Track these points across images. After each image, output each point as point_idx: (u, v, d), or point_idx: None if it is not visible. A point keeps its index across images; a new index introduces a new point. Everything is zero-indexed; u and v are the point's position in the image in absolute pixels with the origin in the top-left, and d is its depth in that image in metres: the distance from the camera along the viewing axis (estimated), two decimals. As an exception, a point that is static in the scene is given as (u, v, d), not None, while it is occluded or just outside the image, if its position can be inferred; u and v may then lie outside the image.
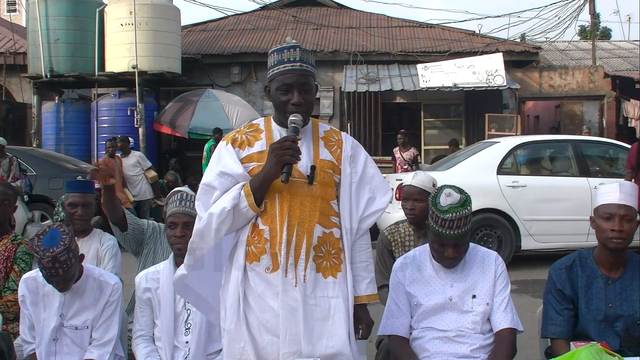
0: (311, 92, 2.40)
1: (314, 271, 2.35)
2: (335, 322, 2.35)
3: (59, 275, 2.74)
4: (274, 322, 2.32)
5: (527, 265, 7.00)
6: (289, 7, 17.26)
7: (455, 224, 2.53)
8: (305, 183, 2.36)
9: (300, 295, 2.31)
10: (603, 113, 14.94)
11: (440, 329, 2.62)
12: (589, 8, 17.19)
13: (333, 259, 2.39)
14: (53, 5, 12.44)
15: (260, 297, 2.34)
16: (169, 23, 12.73)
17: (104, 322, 2.94)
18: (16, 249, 3.60)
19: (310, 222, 2.34)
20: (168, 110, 13.03)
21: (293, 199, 2.35)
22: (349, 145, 2.48)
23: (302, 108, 2.36)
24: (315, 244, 2.34)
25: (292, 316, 2.31)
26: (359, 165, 2.47)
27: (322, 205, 2.37)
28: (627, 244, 2.62)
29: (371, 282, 2.46)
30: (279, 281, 2.31)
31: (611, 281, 2.65)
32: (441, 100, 14.48)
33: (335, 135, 2.51)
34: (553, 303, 2.70)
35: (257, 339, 2.35)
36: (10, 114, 14.00)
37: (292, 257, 2.32)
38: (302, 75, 2.37)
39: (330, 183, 2.41)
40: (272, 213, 2.34)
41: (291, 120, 2.33)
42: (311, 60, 2.42)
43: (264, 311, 2.33)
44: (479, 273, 2.68)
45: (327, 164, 2.41)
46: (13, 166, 8.84)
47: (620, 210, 2.59)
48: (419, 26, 16.62)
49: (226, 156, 2.40)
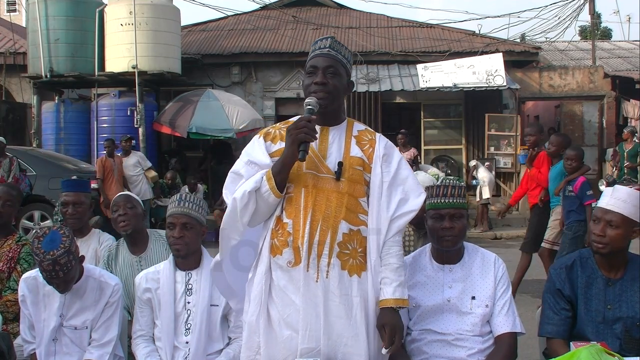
0: (337, 77, 2.39)
1: (339, 268, 2.33)
2: (357, 322, 2.34)
3: (59, 278, 2.75)
4: (294, 317, 2.32)
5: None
6: (289, 7, 17.24)
7: (449, 192, 2.62)
8: (332, 179, 2.36)
9: (322, 291, 2.31)
10: (603, 113, 14.93)
11: (439, 332, 2.62)
12: (589, 8, 17.17)
13: (359, 257, 2.37)
14: (53, 5, 12.43)
15: (282, 291, 2.35)
16: (169, 23, 12.73)
17: (104, 322, 2.95)
18: (20, 249, 3.60)
19: (336, 218, 2.34)
20: (168, 110, 13.03)
21: (319, 193, 2.35)
22: (382, 145, 2.47)
23: (324, 88, 2.35)
24: (340, 240, 2.33)
25: (313, 311, 2.31)
26: (392, 165, 2.45)
27: (349, 201, 2.36)
28: (610, 249, 2.57)
29: (400, 285, 2.37)
30: (300, 275, 2.31)
31: (611, 282, 2.64)
32: (441, 100, 14.47)
33: (369, 134, 2.50)
34: (551, 302, 2.69)
35: (277, 334, 2.35)
36: (10, 114, 14.00)
37: (315, 252, 2.31)
38: (328, 59, 2.39)
39: (360, 180, 2.40)
40: (296, 207, 2.35)
41: (306, 103, 2.36)
42: (343, 52, 2.43)
43: (286, 305, 2.34)
44: (479, 274, 2.68)
45: (357, 160, 2.41)
46: (13, 166, 8.84)
47: (605, 215, 2.57)
48: (419, 26, 16.61)
49: (256, 148, 2.45)
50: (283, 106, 14.50)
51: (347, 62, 2.44)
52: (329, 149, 2.42)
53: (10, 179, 8.66)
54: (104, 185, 9.66)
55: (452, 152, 14.65)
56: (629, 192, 2.61)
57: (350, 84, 2.49)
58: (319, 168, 2.39)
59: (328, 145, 2.43)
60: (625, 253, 2.66)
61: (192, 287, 2.93)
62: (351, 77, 2.51)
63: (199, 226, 2.94)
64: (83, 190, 3.84)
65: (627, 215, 2.55)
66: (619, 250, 2.60)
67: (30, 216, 9.62)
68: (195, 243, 2.94)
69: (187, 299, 2.92)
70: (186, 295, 2.92)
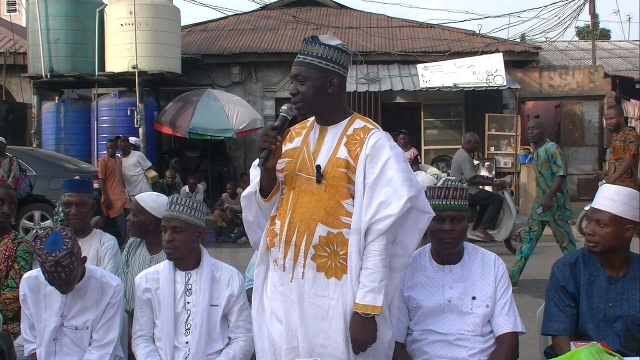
0: (306, 82, 2.35)
1: (314, 270, 2.35)
2: (333, 325, 2.34)
3: (61, 279, 2.75)
4: (281, 312, 2.42)
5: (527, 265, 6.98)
6: (289, 7, 17.23)
7: (451, 194, 2.62)
8: (314, 181, 2.38)
9: (296, 292, 2.37)
10: (603, 113, 14.93)
11: (440, 332, 2.62)
12: (589, 8, 17.17)
13: (340, 259, 2.34)
14: (53, 5, 12.42)
15: (273, 285, 2.46)
16: (169, 23, 12.72)
17: (105, 323, 2.94)
18: (17, 247, 3.60)
19: (312, 221, 2.35)
20: (168, 110, 13.02)
21: (300, 196, 2.39)
22: (370, 144, 2.35)
23: (295, 98, 2.40)
24: (316, 242, 2.34)
25: (291, 310, 2.38)
26: (376, 166, 2.33)
27: (328, 204, 2.35)
28: (601, 248, 2.58)
29: (372, 291, 2.27)
30: (279, 274, 2.42)
31: (613, 281, 2.64)
32: (441, 100, 14.47)
33: (363, 133, 2.40)
34: (556, 300, 2.68)
35: (269, 325, 2.46)
36: (10, 114, 13.99)
37: (292, 253, 2.37)
38: (296, 66, 2.40)
39: (342, 182, 2.35)
40: (284, 208, 2.42)
41: (280, 110, 2.42)
42: (316, 52, 2.35)
43: (274, 300, 2.45)
44: (479, 274, 2.68)
45: (342, 162, 2.37)
46: (13, 166, 8.84)
47: (595, 215, 2.60)
48: (419, 26, 16.60)
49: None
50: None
51: (320, 60, 2.34)
52: (320, 150, 2.42)
53: (10, 179, 8.67)
54: (106, 185, 9.66)
55: (452, 152, 14.54)
56: (617, 190, 2.62)
57: (335, 79, 2.36)
58: (308, 170, 2.40)
59: (321, 147, 2.43)
60: (626, 252, 2.66)
61: (192, 287, 2.93)
62: (340, 69, 2.38)
63: (192, 228, 2.90)
64: (86, 191, 3.84)
65: (616, 214, 2.55)
66: (614, 249, 2.60)
67: (31, 216, 9.62)
68: (187, 245, 2.91)
69: (186, 299, 2.92)
70: (186, 295, 2.92)
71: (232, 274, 2.99)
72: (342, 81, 2.41)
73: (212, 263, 2.99)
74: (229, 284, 2.96)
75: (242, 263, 3.32)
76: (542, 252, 7.59)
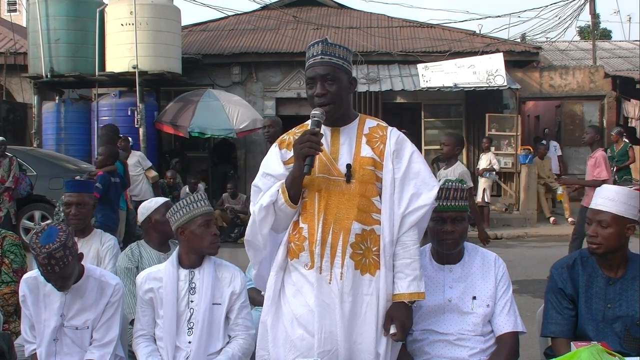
0: (336, 83, 2.39)
1: (353, 268, 2.37)
2: (367, 320, 2.38)
3: (55, 273, 2.74)
4: (307, 318, 2.38)
5: (527, 265, 6.99)
6: (289, 7, 17.23)
7: (452, 194, 2.62)
8: (343, 181, 2.39)
9: (335, 293, 2.35)
10: (603, 113, 14.92)
11: (440, 332, 2.62)
12: (589, 8, 17.17)
13: (373, 256, 2.39)
14: (53, 5, 12.42)
15: (298, 291, 2.41)
16: (169, 23, 12.71)
17: (105, 322, 2.94)
18: (2, 242, 3.59)
19: (347, 220, 2.37)
20: (168, 110, 13.02)
21: (330, 197, 2.39)
22: (393, 140, 2.46)
23: (324, 99, 2.38)
24: (352, 241, 2.37)
25: (326, 313, 2.36)
26: (403, 160, 2.44)
27: (360, 202, 2.39)
28: (604, 249, 2.60)
29: (415, 279, 2.39)
30: (314, 278, 2.37)
31: (612, 281, 2.64)
32: (441, 100, 14.46)
33: (380, 130, 2.49)
34: (554, 302, 2.69)
35: (288, 332, 2.41)
36: (10, 114, 14.00)
37: (328, 254, 2.36)
38: (323, 67, 2.38)
39: (371, 180, 2.42)
40: (311, 211, 2.40)
41: (312, 115, 2.38)
42: (338, 53, 2.41)
43: (300, 306, 2.40)
44: (479, 274, 2.68)
45: (368, 160, 2.42)
46: (13, 166, 8.84)
47: (596, 216, 2.61)
48: (419, 26, 16.59)
49: (272, 158, 2.51)
50: (283, 106, 14.50)
51: (343, 61, 2.42)
52: (340, 150, 2.45)
53: (10, 179, 8.68)
54: (107, 185, 9.63)
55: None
56: (617, 190, 2.63)
57: (353, 80, 2.47)
58: (330, 171, 2.42)
59: (339, 147, 2.45)
60: (625, 252, 2.66)
61: (196, 286, 2.93)
62: (352, 72, 2.48)
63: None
64: (86, 191, 3.85)
65: (617, 214, 2.56)
66: (615, 249, 2.61)
67: (31, 216, 9.62)
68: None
69: (190, 298, 2.92)
70: (189, 293, 2.92)
71: (234, 272, 3.01)
72: (354, 84, 2.51)
73: (214, 261, 3.01)
74: (231, 282, 2.96)
75: (242, 263, 3.32)
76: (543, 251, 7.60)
